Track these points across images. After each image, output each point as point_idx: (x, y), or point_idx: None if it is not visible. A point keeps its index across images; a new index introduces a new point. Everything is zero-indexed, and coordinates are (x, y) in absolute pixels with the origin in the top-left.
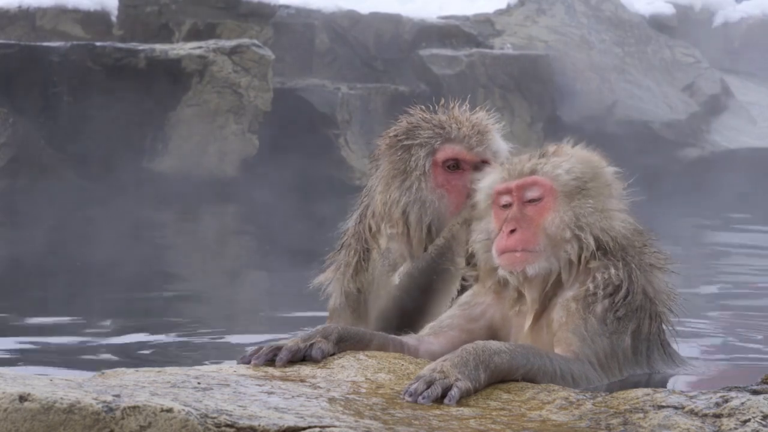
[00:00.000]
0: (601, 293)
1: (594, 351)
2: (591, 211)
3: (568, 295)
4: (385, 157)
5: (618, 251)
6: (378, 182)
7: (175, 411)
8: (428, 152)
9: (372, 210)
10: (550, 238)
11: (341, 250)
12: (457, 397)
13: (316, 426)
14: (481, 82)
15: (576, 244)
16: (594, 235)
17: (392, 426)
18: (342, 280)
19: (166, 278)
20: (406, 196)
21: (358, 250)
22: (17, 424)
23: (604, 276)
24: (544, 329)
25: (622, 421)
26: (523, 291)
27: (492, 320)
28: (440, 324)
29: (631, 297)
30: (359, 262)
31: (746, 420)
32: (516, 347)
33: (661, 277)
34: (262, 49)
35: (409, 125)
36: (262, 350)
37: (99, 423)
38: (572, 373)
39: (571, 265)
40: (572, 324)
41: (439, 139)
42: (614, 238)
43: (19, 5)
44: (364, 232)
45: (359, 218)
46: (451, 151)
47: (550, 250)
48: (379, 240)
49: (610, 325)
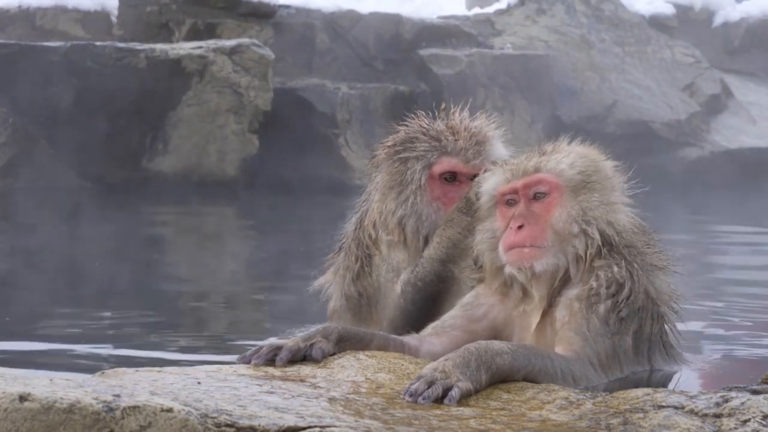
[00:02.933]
0: (604, 292)
1: (595, 351)
2: (597, 204)
3: (572, 293)
4: (383, 166)
5: (622, 248)
6: (375, 192)
7: (175, 411)
8: (425, 166)
9: (370, 217)
10: (557, 234)
11: (340, 252)
12: (457, 397)
13: (316, 426)
14: (481, 82)
15: (583, 239)
16: (600, 229)
17: (392, 426)
18: (342, 284)
19: (165, 278)
20: (402, 209)
21: (359, 255)
22: (17, 423)
23: (607, 274)
24: (548, 328)
25: (622, 421)
26: (530, 289)
27: (495, 321)
28: (442, 324)
29: (633, 297)
30: (361, 267)
31: (746, 420)
32: (518, 348)
33: (663, 278)
34: (262, 49)
35: (406, 136)
36: (262, 350)
37: (99, 423)
38: (573, 374)
39: (579, 261)
40: (575, 323)
41: (435, 153)
42: (619, 232)
43: (19, 5)
44: (364, 237)
45: (358, 223)
46: (448, 164)
47: (558, 245)
48: (380, 246)
49: (613, 325)
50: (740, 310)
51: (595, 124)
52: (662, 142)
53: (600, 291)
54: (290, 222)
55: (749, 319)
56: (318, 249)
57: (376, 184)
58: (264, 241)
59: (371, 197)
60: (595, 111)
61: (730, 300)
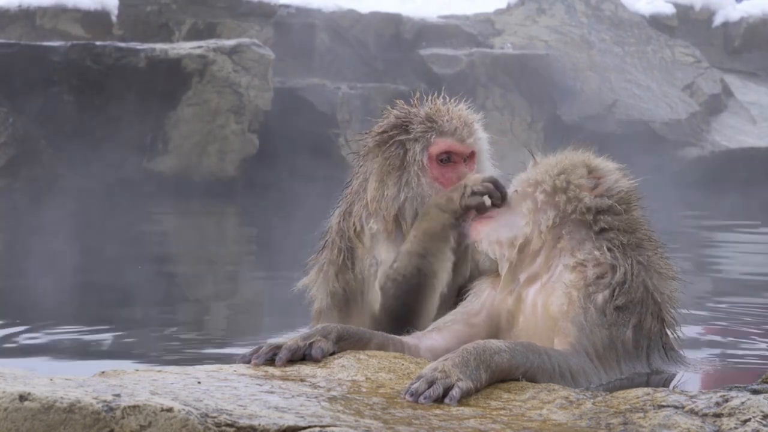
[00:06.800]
0: (601, 282)
1: (591, 342)
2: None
3: (566, 277)
4: (373, 153)
5: (621, 233)
6: (370, 179)
7: (175, 410)
8: (423, 146)
9: (358, 207)
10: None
11: (323, 250)
12: (458, 397)
13: (317, 425)
14: (481, 82)
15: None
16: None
17: (392, 425)
18: (327, 282)
19: (165, 278)
20: (405, 192)
21: (342, 248)
22: (17, 423)
23: (605, 257)
24: (539, 308)
25: (622, 421)
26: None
27: (490, 309)
28: (443, 321)
29: (628, 285)
30: (344, 261)
31: (746, 419)
32: (515, 346)
33: (664, 282)
34: (263, 49)
35: (398, 121)
36: (262, 350)
37: (99, 422)
38: (570, 369)
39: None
40: (572, 313)
41: (432, 133)
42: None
43: (19, 5)
44: (347, 230)
45: (343, 216)
46: (444, 144)
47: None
48: (364, 239)
49: (610, 316)
50: (740, 311)
51: (595, 124)
52: (662, 142)
53: (598, 281)
54: (290, 222)
55: (749, 320)
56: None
57: (368, 173)
58: (264, 241)
59: (361, 188)
60: (595, 111)
61: (730, 300)
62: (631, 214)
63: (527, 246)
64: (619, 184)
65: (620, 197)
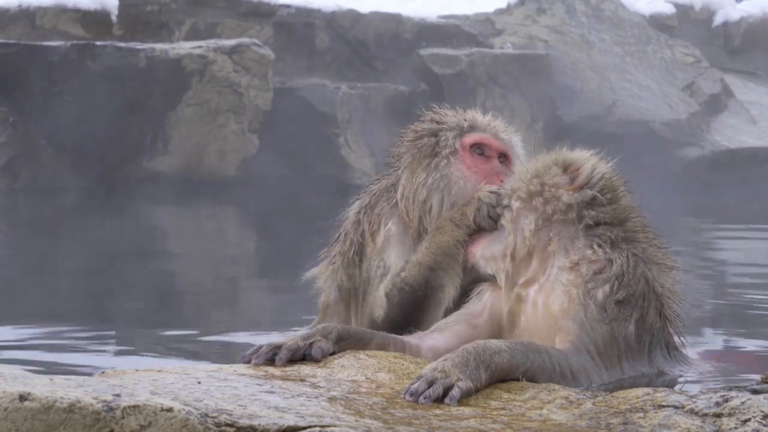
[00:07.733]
0: (600, 277)
1: (593, 338)
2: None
3: (563, 277)
4: (409, 149)
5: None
6: (402, 174)
7: (175, 410)
8: (457, 134)
9: (383, 205)
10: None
11: (336, 242)
12: (458, 397)
13: (317, 425)
14: (481, 82)
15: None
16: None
17: (392, 425)
18: (336, 275)
19: (165, 278)
20: (433, 175)
21: (354, 241)
22: (18, 423)
23: (597, 254)
24: (540, 308)
25: (622, 421)
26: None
27: (492, 310)
28: (445, 322)
29: (628, 278)
30: (354, 255)
31: (746, 419)
32: (515, 345)
33: (664, 274)
34: (263, 49)
35: (434, 115)
36: (262, 349)
37: (99, 422)
38: (571, 368)
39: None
40: (572, 310)
41: (467, 123)
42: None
43: (19, 5)
44: (364, 223)
45: (364, 209)
46: (479, 136)
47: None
48: (376, 238)
49: (611, 311)
50: (740, 311)
51: (595, 124)
52: (662, 142)
53: (596, 277)
54: (290, 222)
55: (749, 319)
56: (317, 249)
57: (400, 169)
58: (264, 241)
59: (390, 184)
60: (595, 111)
61: (730, 300)
62: (619, 203)
63: (516, 254)
64: (597, 170)
65: (603, 185)
